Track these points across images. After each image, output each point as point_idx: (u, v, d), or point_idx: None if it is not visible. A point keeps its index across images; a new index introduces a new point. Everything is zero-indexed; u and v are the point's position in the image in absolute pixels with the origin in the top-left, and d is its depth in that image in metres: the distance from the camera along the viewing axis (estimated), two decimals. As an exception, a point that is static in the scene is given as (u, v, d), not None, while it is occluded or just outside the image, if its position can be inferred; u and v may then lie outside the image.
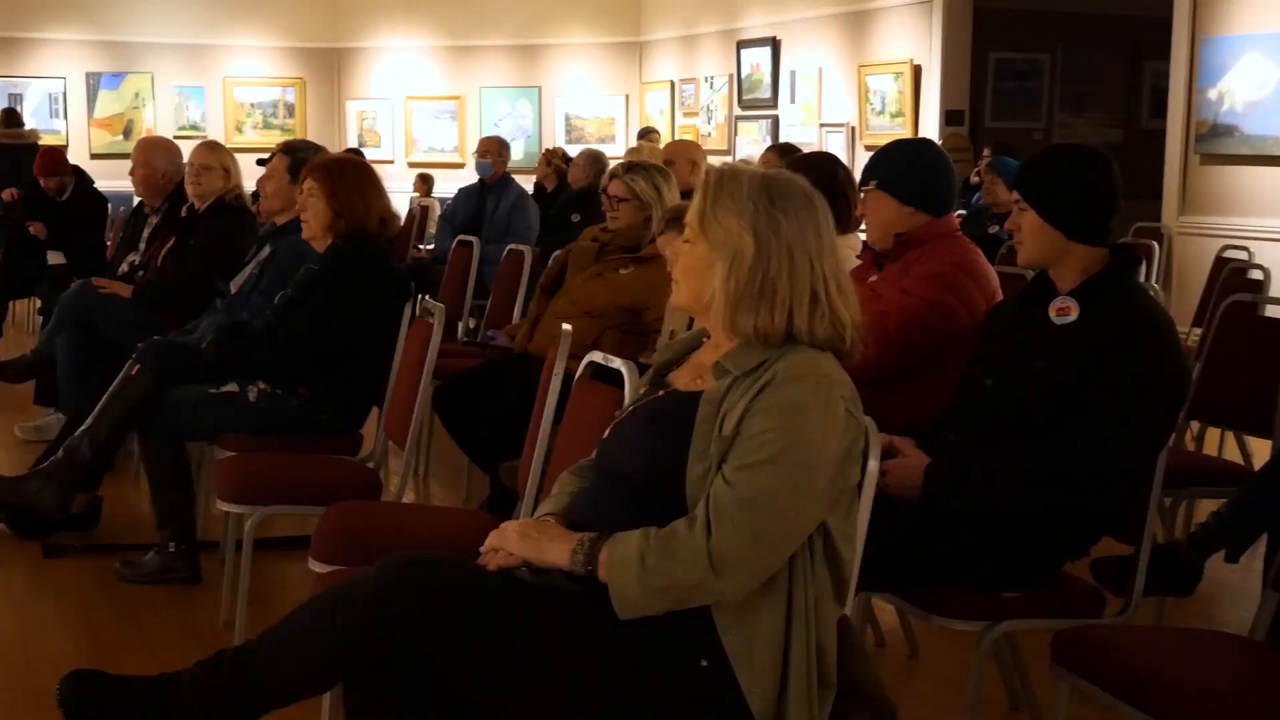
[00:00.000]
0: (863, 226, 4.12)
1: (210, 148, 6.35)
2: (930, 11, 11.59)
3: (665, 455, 2.42)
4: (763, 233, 2.43)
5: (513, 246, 7.13)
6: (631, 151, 9.16)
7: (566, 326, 3.53)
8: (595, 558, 2.37)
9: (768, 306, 2.42)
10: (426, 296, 5.18)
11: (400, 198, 11.74)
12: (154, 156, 6.71)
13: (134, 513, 5.73)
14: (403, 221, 10.17)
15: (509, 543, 2.46)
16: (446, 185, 14.65)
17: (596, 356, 3.17)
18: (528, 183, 10.75)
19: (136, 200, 7.12)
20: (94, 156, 16.06)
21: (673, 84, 15.32)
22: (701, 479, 2.38)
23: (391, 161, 16.07)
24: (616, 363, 3.04)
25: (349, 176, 4.78)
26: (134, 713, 2.48)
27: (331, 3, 16.77)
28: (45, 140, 15.46)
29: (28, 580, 4.82)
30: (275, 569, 4.88)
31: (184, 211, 6.42)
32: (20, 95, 15.93)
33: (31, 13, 15.84)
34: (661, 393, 2.58)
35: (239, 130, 16.45)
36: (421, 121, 16.71)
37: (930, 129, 11.44)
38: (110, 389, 4.81)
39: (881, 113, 12.07)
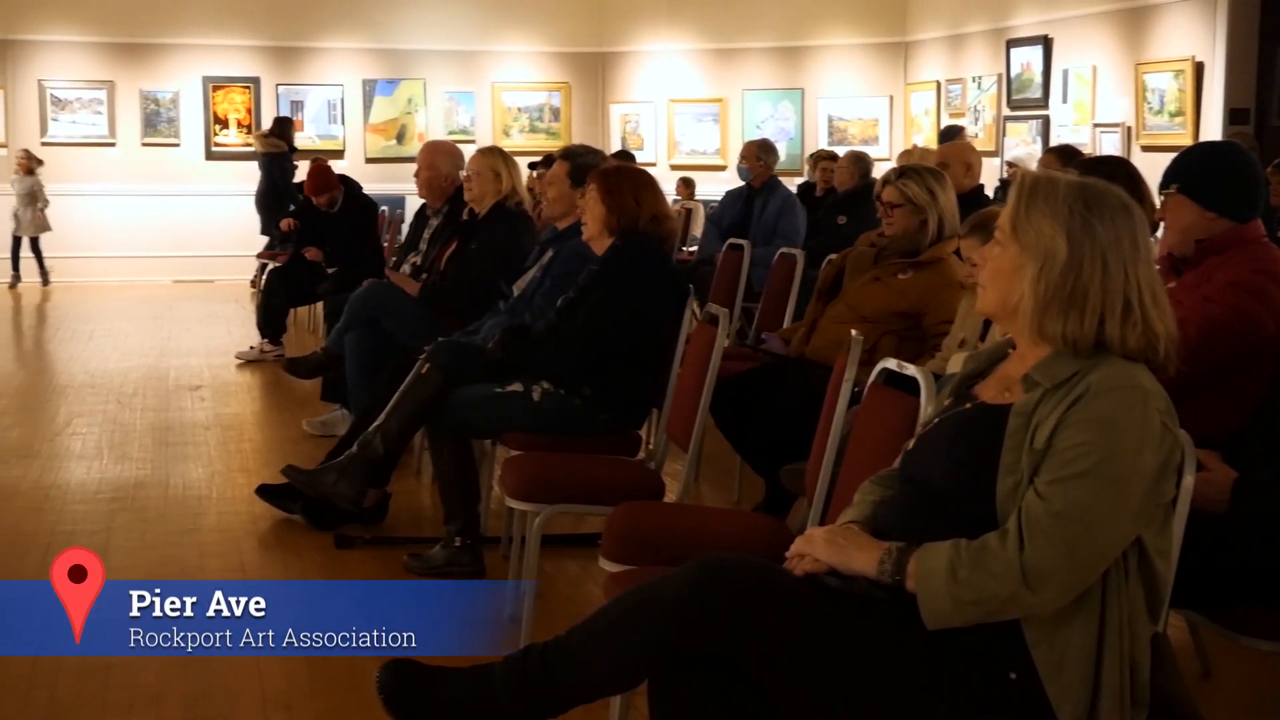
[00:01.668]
0: (1159, 231, 3.98)
1: (483, 152, 6.51)
2: (1214, 6, 11.15)
3: (974, 468, 2.40)
4: (1076, 237, 2.38)
5: (784, 250, 7.12)
6: (903, 155, 9.05)
7: (857, 334, 3.50)
8: (903, 567, 2.36)
9: (1078, 312, 2.38)
10: (699, 302, 5.22)
11: (665, 200, 11.81)
12: (438, 159, 6.92)
13: (417, 507, 5.94)
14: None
15: (815, 549, 2.46)
16: (708, 188, 14.76)
17: (891, 364, 3.14)
18: (793, 185, 10.73)
19: (419, 202, 7.35)
20: (369, 160, 16.69)
21: (939, 84, 15.10)
22: (1012, 492, 2.35)
23: (654, 164, 16.24)
24: (911, 370, 3.01)
25: (628, 182, 4.84)
26: (446, 701, 2.57)
27: (597, 8, 17.04)
28: (321, 145, 16.19)
29: (321, 570, 5.03)
30: (553, 565, 4.98)
31: (464, 215, 6.60)
32: (301, 102, 16.64)
33: (312, 23, 16.53)
34: (969, 405, 2.54)
35: (506, 134, 16.85)
36: (684, 124, 16.84)
37: (1213, 128, 11.00)
38: (401, 387, 4.97)
39: (1160, 112, 11.65)
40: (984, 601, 2.30)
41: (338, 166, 15.52)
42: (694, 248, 10.64)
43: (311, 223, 9.91)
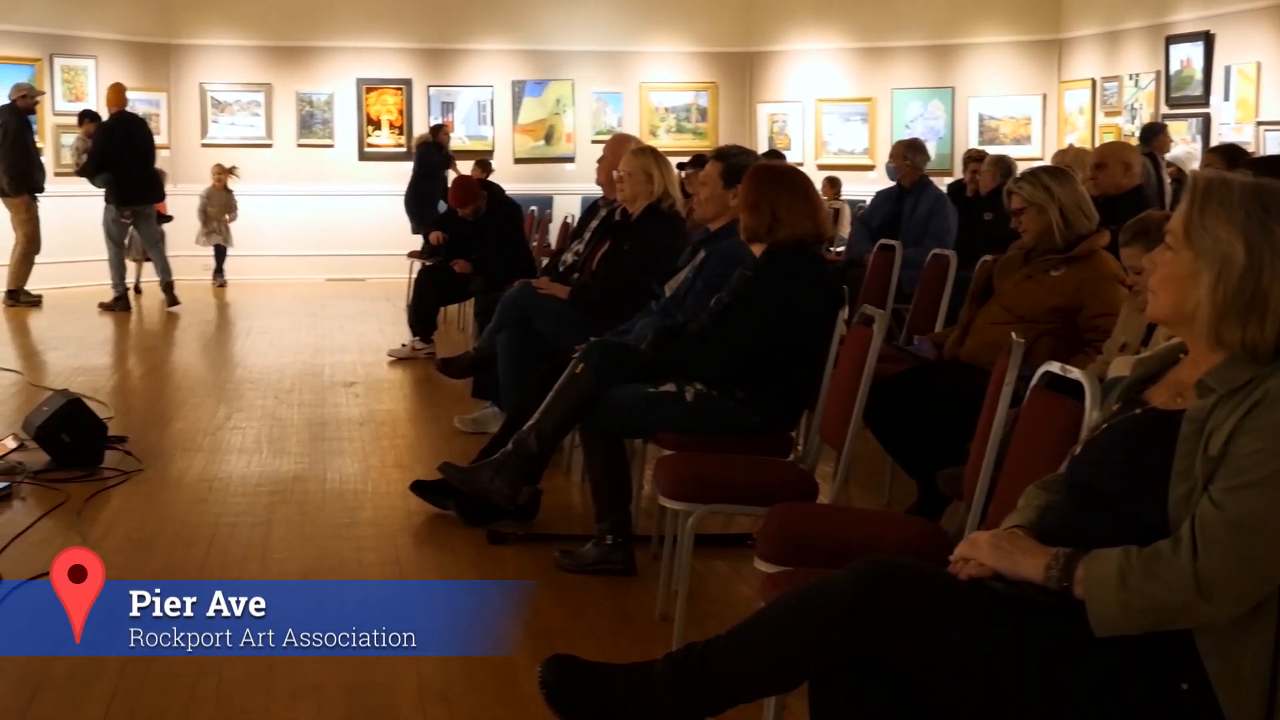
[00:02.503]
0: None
1: (635, 153, 6.53)
2: (1387, -1, 10.81)
3: (1145, 474, 2.36)
4: (1255, 241, 2.33)
5: (937, 251, 7.04)
6: (1059, 154, 8.90)
7: (1019, 337, 3.46)
8: (1071, 573, 2.33)
9: (1258, 318, 2.32)
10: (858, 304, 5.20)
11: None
12: (622, 150, 6.97)
13: (567, 504, 5.99)
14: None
15: (980, 553, 2.44)
16: (855, 188, 14.67)
17: (1054, 367, 3.10)
18: (943, 185, 10.62)
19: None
20: (517, 161, 16.88)
21: (1094, 82, 14.82)
22: (1185, 500, 2.30)
23: (801, 164, 16.18)
24: (1076, 374, 2.97)
25: (782, 182, 4.83)
26: (608, 697, 2.59)
27: (745, 7, 17.03)
28: (470, 146, 16.41)
29: (475, 565, 5.09)
30: (702, 564, 4.98)
31: (617, 215, 6.65)
32: (451, 104, 16.88)
33: (464, 25, 16.76)
34: (1139, 410, 2.50)
35: (653, 134, 16.90)
36: (831, 124, 16.76)
37: (1383, 126, 10.67)
38: (555, 387, 5.01)
39: (1327, 109, 11.33)
40: (1155, 610, 2.27)
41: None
42: (841, 248, 10.58)
43: (458, 234, 10.05)
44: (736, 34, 17.06)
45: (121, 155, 12.93)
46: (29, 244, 13.40)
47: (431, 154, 14.76)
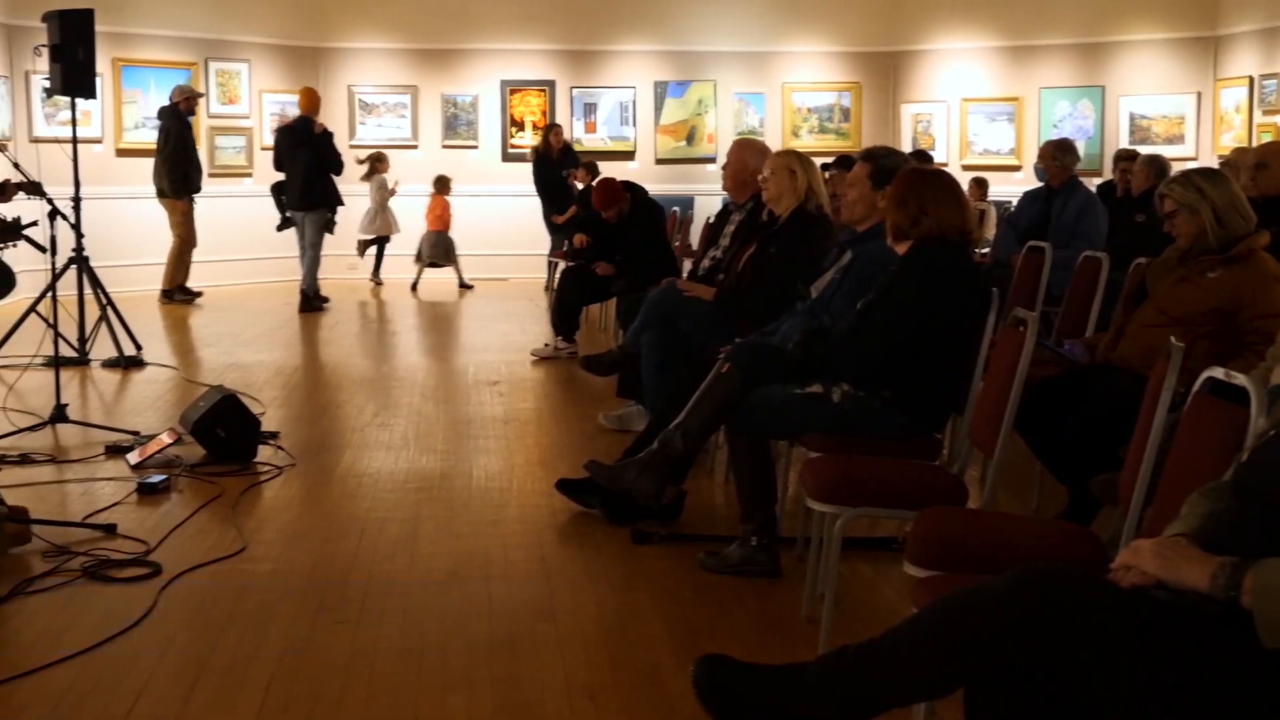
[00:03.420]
0: None
1: (779, 154, 6.53)
2: None
3: (1318, 482, 2.29)
4: None
5: (1089, 253, 6.91)
6: (1238, 151, 8.67)
7: (1178, 341, 3.38)
8: (1239, 582, 2.28)
9: None
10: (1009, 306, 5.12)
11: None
12: (746, 154, 7.00)
13: (710, 505, 5.99)
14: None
15: (1143, 561, 2.40)
16: (1001, 189, 14.47)
17: (1217, 373, 3.03)
18: (1093, 185, 10.44)
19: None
20: (659, 161, 16.94)
21: (1251, 80, 14.43)
22: (1360, 508, 2.24)
23: (945, 165, 16.00)
24: (1241, 379, 2.89)
25: (930, 182, 4.78)
26: (759, 698, 2.59)
27: (889, 6, 16.89)
28: (612, 146, 16.50)
29: (620, 565, 5.11)
30: (847, 567, 4.94)
31: (764, 216, 6.63)
32: (594, 104, 16.99)
33: (607, 26, 16.85)
34: (1309, 416, 2.44)
35: (795, 135, 16.86)
36: (976, 124, 16.55)
37: None
38: (701, 387, 5.02)
39: None
40: (1328, 621, 2.20)
41: (628, 168, 15.92)
42: (985, 250, 10.44)
43: (601, 237, 10.12)
44: (881, 33, 16.93)
45: (290, 160, 13.21)
46: (184, 244, 13.75)
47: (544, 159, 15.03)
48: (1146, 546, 2.43)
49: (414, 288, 15.58)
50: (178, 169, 13.44)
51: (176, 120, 13.52)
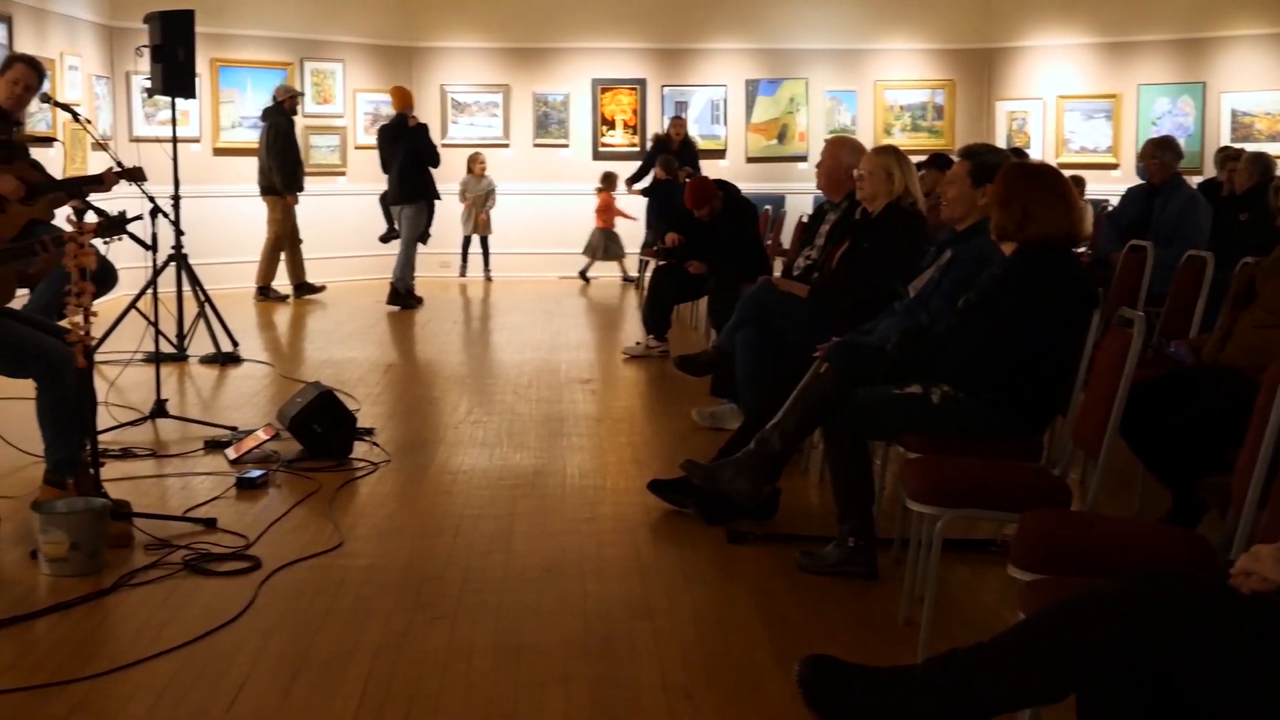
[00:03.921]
0: None
1: (876, 152, 6.48)
2: None
3: None
4: None
5: (1192, 253, 6.78)
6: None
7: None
8: (1364, 592, 2.21)
9: None
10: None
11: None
12: (841, 152, 6.94)
13: (804, 504, 5.95)
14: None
15: (1264, 567, 2.34)
16: (1098, 187, 14.25)
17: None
18: (1194, 183, 10.26)
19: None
20: (749, 160, 16.87)
21: (1355, 75, 14.14)
22: None
23: (1041, 163, 15.78)
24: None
25: (1036, 180, 4.70)
26: (867, 699, 2.56)
27: (984, 3, 16.71)
28: (704, 145, 16.48)
29: (716, 564, 5.09)
30: (944, 569, 4.85)
31: (857, 214, 6.58)
32: (685, 103, 16.96)
33: (698, 24, 16.83)
34: None
35: (887, 133, 16.73)
36: (1073, 121, 16.33)
37: None
38: (799, 386, 4.98)
39: None
40: None
41: (719, 167, 15.90)
42: (1083, 249, 10.29)
43: (694, 236, 10.10)
44: (975, 30, 16.75)
45: (388, 156, 13.39)
46: (280, 241, 13.92)
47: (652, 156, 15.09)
48: (1267, 552, 2.37)
49: (583, 274, 16.35)
50: (286, 166, 13.64)
51: (282, 117, 13.72)
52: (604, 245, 16.03)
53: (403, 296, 13.38)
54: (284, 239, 13.91)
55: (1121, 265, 7.45)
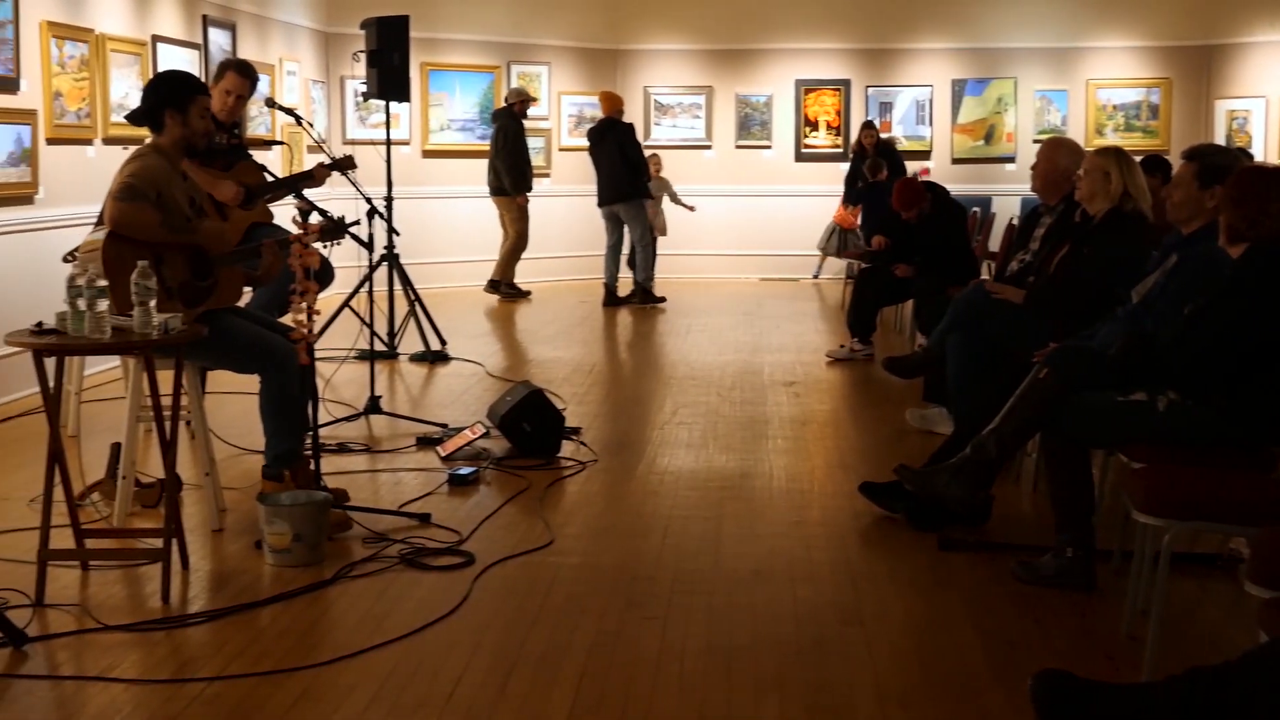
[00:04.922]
0: None
1: (1097, 152, 6.31)
2: None
3: None
4: None
5: None
6: None
7: None
8: None
9: None
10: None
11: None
12: (1058, 154, 6.78)
13: (1017, 513, 5.82)
14: None
15: None
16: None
17: None
18: None
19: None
20: (955, 161, 16.60)
21: None
22: None
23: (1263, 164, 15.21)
24: None
25: (1269, 183, 4.52)
26: (1102, 716, 2.48)
27: (1203, 1, 16.16)
28: (909, 146, 16.28)
29: (928, 571, 5.01)
30: (1166, 582, 4.73)
31: (1077, 217, 6.42)
32: (890, 104, 16.77)
33: (903, 24, 16.62)
34: None
35: (1099, 133, 16.30)
36: (1297, 119, 15.70)
37: None
38: (1017, 391, 4.88)
39: None
40: None
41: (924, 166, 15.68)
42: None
43: (901, 238, 9.98)
44: (1194, 27, 16.21)
45: (598, 157, 13.61)
46: (519, 241, 14.22)
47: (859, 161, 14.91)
48: None
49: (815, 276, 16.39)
50: (516, 168, 13.92)
51: (513, 120, 14.01)
52: (836, 244, 15.74)
53: (648, 294, 13.69)
54: (524, 238, 14.20)
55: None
